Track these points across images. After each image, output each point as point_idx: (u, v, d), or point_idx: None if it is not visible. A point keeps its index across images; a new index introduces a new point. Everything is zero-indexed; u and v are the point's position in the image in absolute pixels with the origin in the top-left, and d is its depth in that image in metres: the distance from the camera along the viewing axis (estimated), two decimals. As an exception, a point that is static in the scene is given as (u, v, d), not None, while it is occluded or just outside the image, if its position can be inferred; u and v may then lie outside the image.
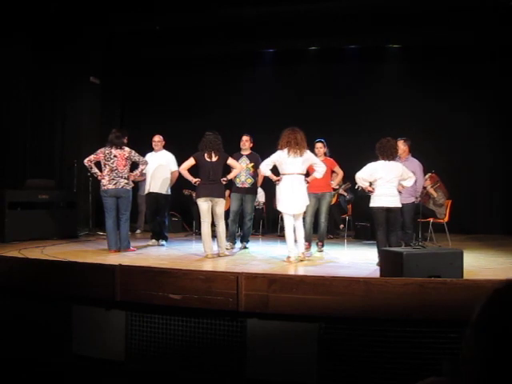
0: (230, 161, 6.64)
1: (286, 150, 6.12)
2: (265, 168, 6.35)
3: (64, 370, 4.81)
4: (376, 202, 5.86)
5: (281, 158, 6.16)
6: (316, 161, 6.33)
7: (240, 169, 6.91)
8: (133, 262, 5.66)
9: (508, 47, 9.70)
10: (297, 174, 6.15)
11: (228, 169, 7.20)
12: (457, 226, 9.05)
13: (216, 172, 6.47)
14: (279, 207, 6.28)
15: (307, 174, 6.39)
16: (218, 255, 6.52)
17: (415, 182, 6.38)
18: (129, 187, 6.91)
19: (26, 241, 7.47)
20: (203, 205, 6.44)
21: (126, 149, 6.93)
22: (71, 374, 4.80)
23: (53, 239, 7.96)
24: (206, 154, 6.45)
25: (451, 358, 1.07)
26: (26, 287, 4.99)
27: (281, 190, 6.21)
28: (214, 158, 6.46)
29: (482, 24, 9.29)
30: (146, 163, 7.19)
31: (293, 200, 6.11)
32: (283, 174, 6.21)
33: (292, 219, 6.19)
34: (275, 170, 6.40)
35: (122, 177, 6.78)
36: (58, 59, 9.97)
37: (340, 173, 7.50)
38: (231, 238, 7.44)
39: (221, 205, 6.50)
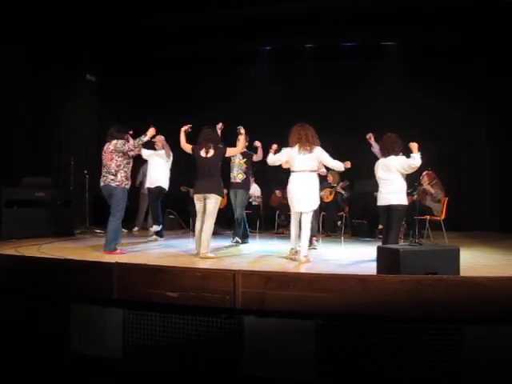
0: (229, 152, 6.53)
1: (296, 147, 6.00)
2: (271, 158, 6.26)
3: (62, 368, 4.81)
4: (378, 200, 5.90)
5: (292, 154, 6.02)
6: (325, 156, 6.13)
7: (240, 148, 6.81)
8: (129, 260, 5.66)
9: (508, 47, 9.71)
10: (306, 172, 5.99)
11: (227, 166, 7.21)
12: (453, 224, 9.08)
13: (212, 168, 6.29)
14: (289, 203, 6.20)
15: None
16: (198, 255, 6.18)
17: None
18: (114, 184, 6.43)
19: (22, 239, 7.46)
20: (197, 204, 6.36)
21: (113, 141, 6.54)
22: (69, 372, 4.80)
23: (49, 237, 7.95)
24: (202, 150, 6.34)
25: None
26: (22, 285, 4.97)
27: (289, 187, 6.11)
28: (210, 154, 6.31)
29: (482, 24, 9.31)
30: (138, 143, 6.69)
31: (300, 197, 5.99)
32: (293, 172, 6.07)
33: (297, 216, 6.12)
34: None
35: (109, 172, 6.47)
36: (56, 58, 9.96)
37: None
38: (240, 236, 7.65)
39: (212, 200, 6.18)
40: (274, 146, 6.35)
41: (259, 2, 9.38)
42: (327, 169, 7.56)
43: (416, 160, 5.69)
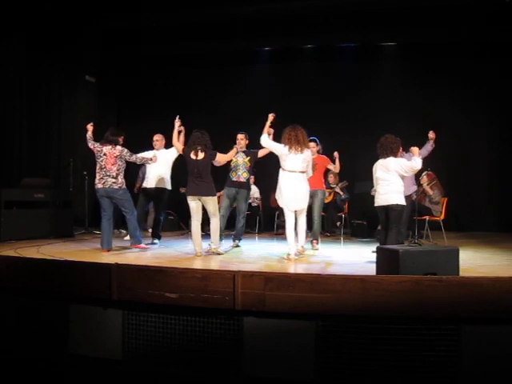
0: (218, 157, 6.59)
1: (287, 147, 6.17)
2: (268, 141, 6.42)
3: (61, 369, 4.81)
4: (376, 201, 5.91)
5: (283, 152, 6.19)
6: (310, 162, 6.40)
7: (230, 155, 6.89)
8: (129, 261, 5.66)
9: (508, 47, 9.71)
10: (298, 172, 6.18)
11: (221, 167, 7.19)
12: (453, 224, 9.07)
13: (202, 170, 6.35)
14: (280, 203, 6.29)
15: None
16: (211, 251, 6.38)
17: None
18: (116, 186, 6.63)
19: (21, 240, 7.45)
20: (192, 203, 6.42)
21: (118, 147, 6.73)
22: (68, 373, 4.80)
23: (49, 238, 7.94)
24: (192, 152, 6.39)
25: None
26: (22, 286, 4.97)
27: (281, 187, 6.22)
28: (200, 156, 6.37)
29: (482, 23, 9.31)
30: (141, 160, 7.09)
31: (294, 196, 6.12)
32: (284, 171, 6.22)
33: (293, 216, 6.21)
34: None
35: (109, 176, 6.61)
36: (54, 58, 9.97)
37: (337, 167, 7.59)
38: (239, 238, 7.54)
39: (210, 203, 6.39)
40: (272, 131, 6.61)
41: (259, 2, 9.38)
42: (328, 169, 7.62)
43: (418, 164, 5.79)
